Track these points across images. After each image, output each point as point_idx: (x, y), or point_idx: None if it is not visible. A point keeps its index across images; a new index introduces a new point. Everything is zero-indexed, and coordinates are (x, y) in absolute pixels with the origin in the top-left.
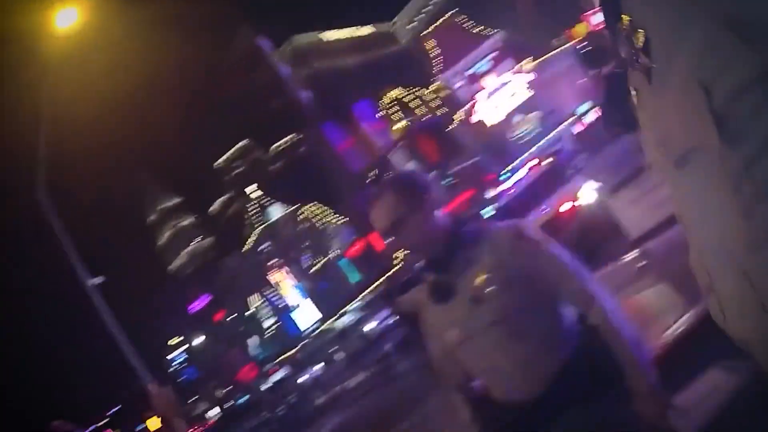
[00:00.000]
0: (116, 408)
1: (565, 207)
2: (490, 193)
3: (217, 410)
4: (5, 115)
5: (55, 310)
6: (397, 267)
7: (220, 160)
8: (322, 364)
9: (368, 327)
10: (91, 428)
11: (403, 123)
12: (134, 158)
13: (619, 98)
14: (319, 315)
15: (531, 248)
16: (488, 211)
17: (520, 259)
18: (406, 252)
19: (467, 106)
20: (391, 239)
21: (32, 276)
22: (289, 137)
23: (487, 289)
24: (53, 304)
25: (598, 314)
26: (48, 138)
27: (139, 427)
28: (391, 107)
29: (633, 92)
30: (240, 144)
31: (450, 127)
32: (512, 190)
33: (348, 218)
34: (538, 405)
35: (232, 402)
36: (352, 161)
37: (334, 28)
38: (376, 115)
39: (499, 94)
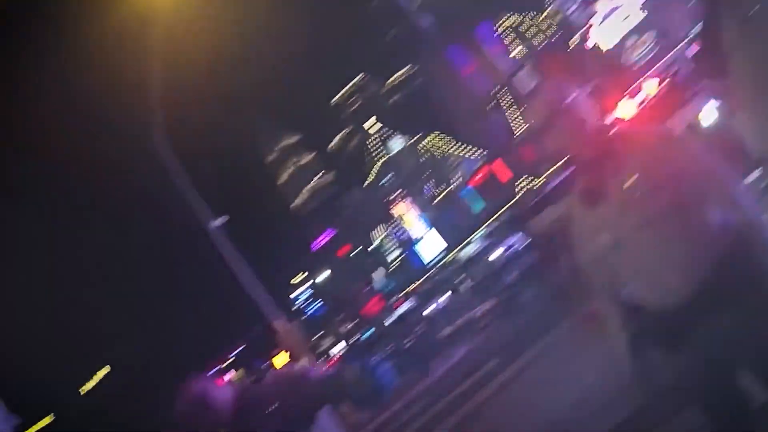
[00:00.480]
0: (240, 348)
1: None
2: (608, 120)
3: (342, 345)
4: (119, 66)
5: (180, 253)
6: (522, 194)
7: (338, 96)
8: (448, 294)
9: (493, 256)
10: (214, 370)
11: (522, 48)
12: (251, 98)
13: (713, 45)
14: (444, 246)
15: (680, 151)
16: None
17: (669, 161)
18: (531, 177)
19: (582, 31)
20: (545, 142)
21: (155, 219)
22: (406, 68)
23: (638, 192)
24: (178, 246)
25: (743, 219)
26: (162, 83)
27: (263, 365)
28: (508, 34)
29: (728, 40)
30: (356, 78)
31: (568, 52)
32: (631, 115)
33: (471, 146)
34: (685, 309)
35: (357, 336)
36: (476, 86)
37: None
38: (497, 40)
39: (613, 18)
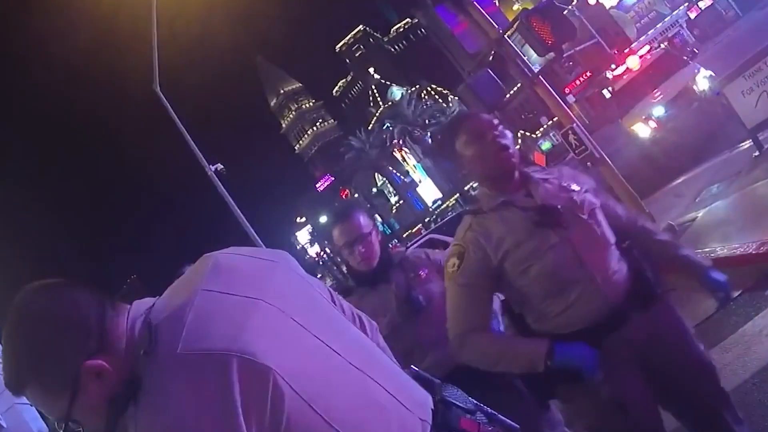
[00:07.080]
0: None
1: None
2: (609, 74)
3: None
4: (123, 19)
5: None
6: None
7: (341, 44)
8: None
9: None
10: None
11: (518, 6)
12: (254, 46)
13: None
14: (441, 193)
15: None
16: (607, 93)
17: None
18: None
19: None
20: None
21: (161, 163)
22: (406, 20)
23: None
24: (182, 191)
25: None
26: (163, 30)
27: None
28: None
29: None
30: (359, 27)
31: (567, 10)
32: (629, 74)
33: (465, 100)
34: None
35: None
36: (467, 44)
37: None
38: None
39: None
